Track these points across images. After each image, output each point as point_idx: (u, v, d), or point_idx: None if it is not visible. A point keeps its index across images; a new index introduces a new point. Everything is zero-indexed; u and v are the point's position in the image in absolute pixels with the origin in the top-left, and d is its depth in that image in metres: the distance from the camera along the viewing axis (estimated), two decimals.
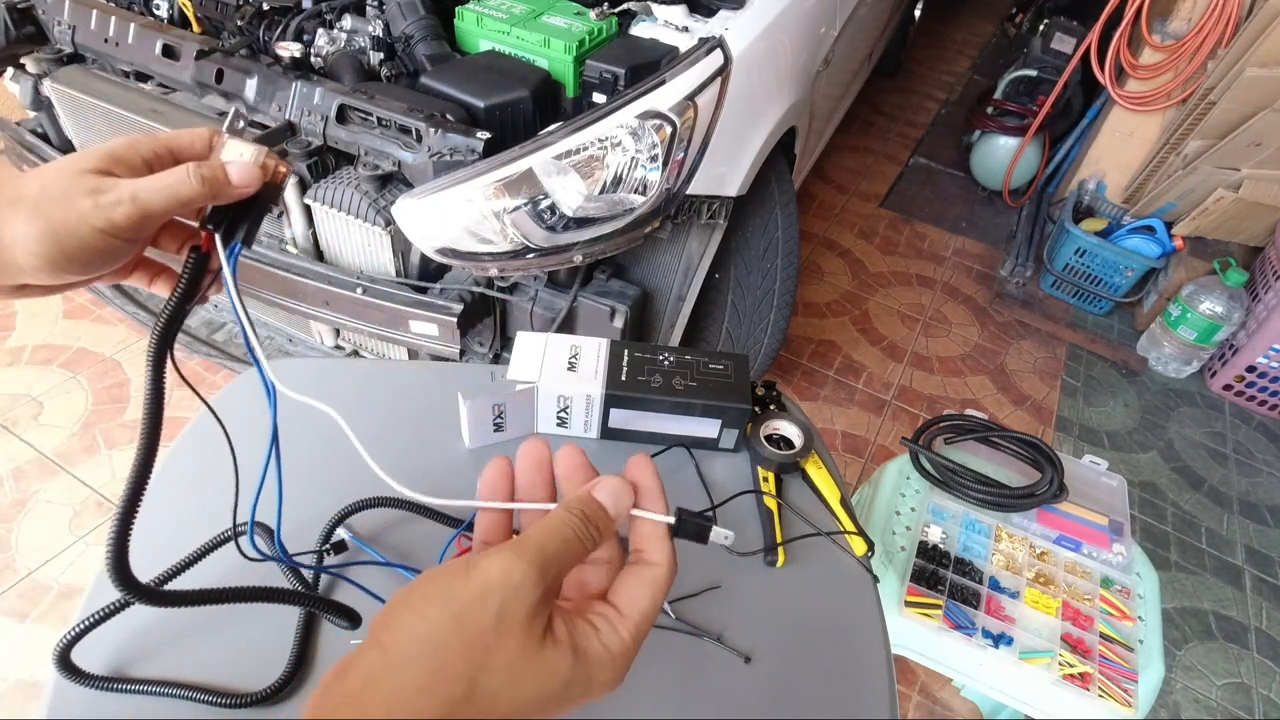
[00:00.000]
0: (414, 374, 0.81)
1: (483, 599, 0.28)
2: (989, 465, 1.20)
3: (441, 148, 1.11)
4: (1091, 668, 0.97)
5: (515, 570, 0.29)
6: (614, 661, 0.31)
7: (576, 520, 0.33)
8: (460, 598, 0.29)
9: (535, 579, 0.29)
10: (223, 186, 0.39)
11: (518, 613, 0.29)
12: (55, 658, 0.50)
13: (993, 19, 4.71)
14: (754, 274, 1.55)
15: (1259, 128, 2.06)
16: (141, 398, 0.38)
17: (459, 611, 0.28)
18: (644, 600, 0.33)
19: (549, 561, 0.30)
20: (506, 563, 0.29)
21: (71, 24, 1.35)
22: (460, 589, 0.29)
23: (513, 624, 0.28)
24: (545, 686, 0.29)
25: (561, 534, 0.32)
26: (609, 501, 0.35)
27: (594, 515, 0.34)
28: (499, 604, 0.28)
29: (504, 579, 0.29)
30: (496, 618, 0.28)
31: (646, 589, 0.34)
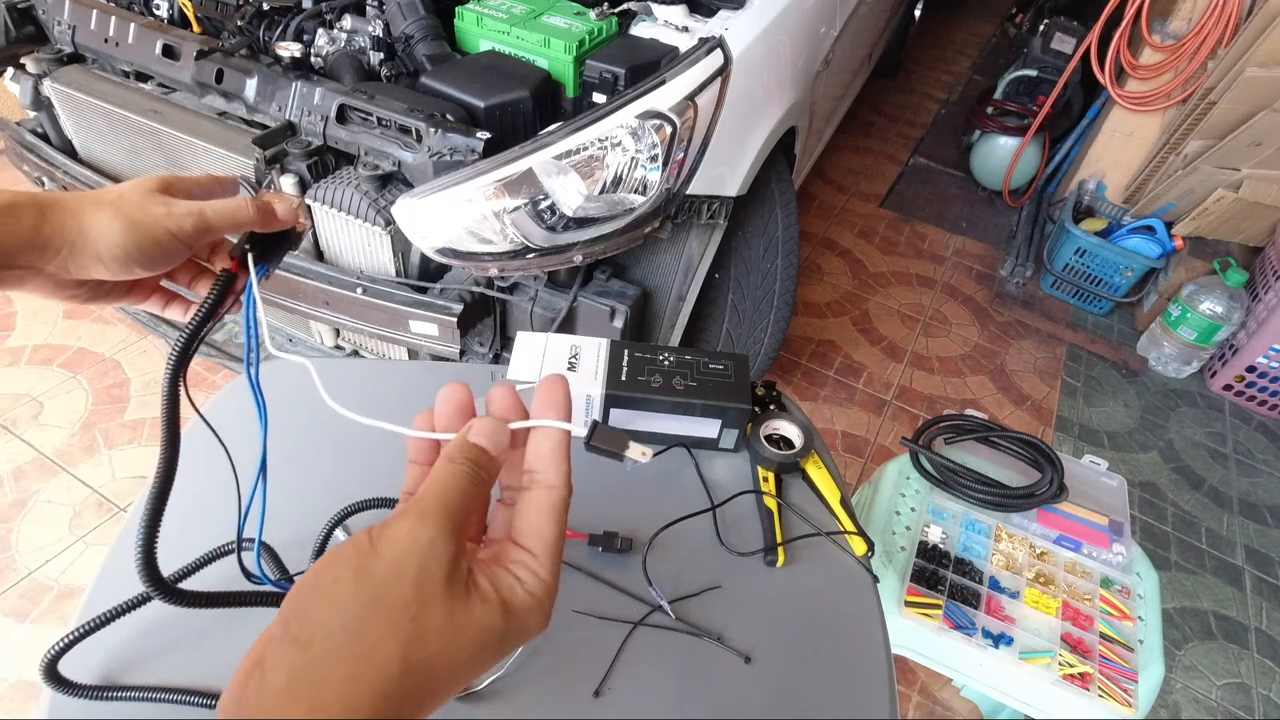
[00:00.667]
0: (414, 374, 0.81)
1: (397, 569, 0.28)
2: (989, 465, 1.19)
3: (441, 148, 1.11)
4: (1091, 668, 0.97)
5: (423, 532, 0.29)
6: (540, 605, 0.31)
7: (461, 467, 0.32)
8: (373, 574, 0.27)
9: (446, 537, 0.29)
10: (269, 216, 0.48)
11: (436, 575, 0.28)
12: (42, 669, 0.50)
13: (993, 19, 4.71)
14: (754, 274, 1.55)
15: (1259, 128, 2.06)
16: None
17: (375, 589, 0.27)
18: (550, 531, 0.33)
19: (453, 514, 0.30)
20: (412, 526, 0.29)
21: (71, 24, 1.35)
22: (372, 565, 0.28)
23: (434, 587, 0.28)
24: (481, 642, 0.28)
25: (458, 485, 0.31)
26: (487, 443, 0.34)
27: (477, 458, 0.33)
28: (415, 570, 0.28)
29: (414, 544, 0.28)
30: (415, 585, 0.27)
31: (550, 516, 0.33)
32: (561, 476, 0.34)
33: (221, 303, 0.45)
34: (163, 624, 0.54)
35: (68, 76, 1.37)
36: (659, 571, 0.62)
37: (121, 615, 0.51)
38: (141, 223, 0.43)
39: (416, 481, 0.37)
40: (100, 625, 0.50)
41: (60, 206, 0.43)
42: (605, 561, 0.63)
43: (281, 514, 0.61)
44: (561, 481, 0.34)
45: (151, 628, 0.54)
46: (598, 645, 0.57)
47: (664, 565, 0.63)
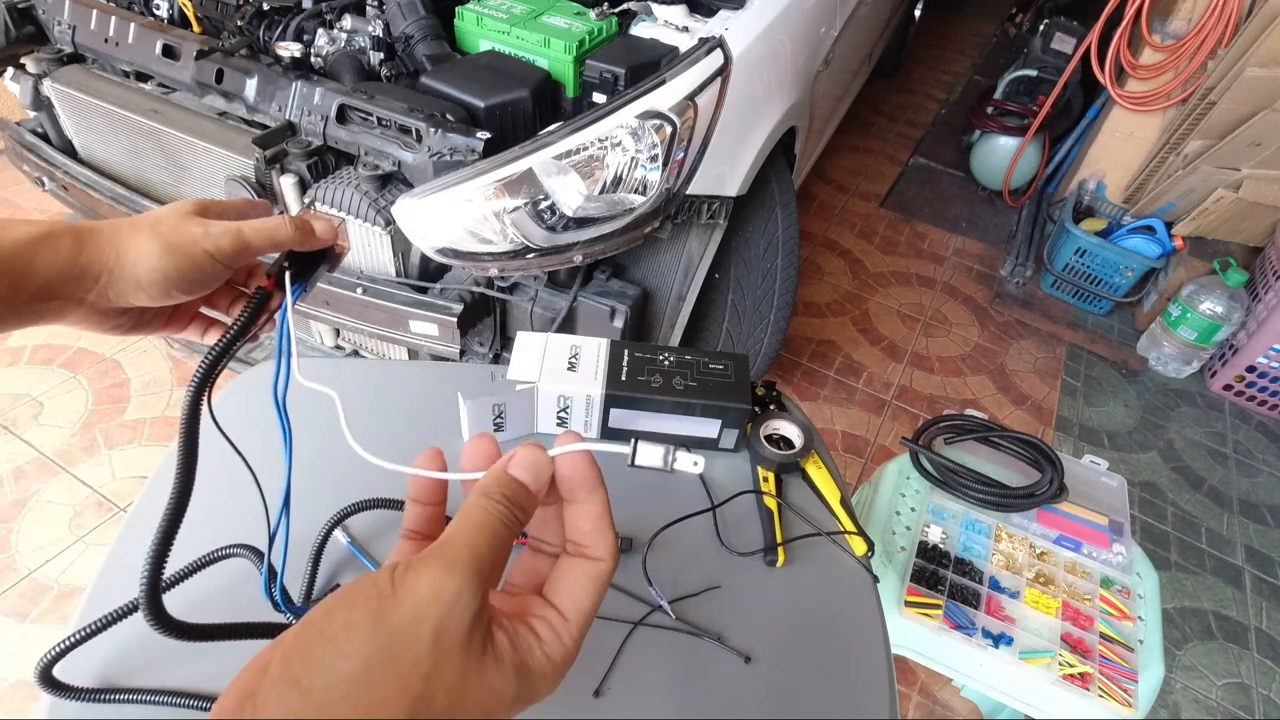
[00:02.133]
0: (414, 374, 0.81)
1: (416, 621, 0.25)
2: (989, 465, 1.20)
3: (441, 148, 1.11)
4: (1091, 668, 0.97)
5: (449, 585, 0.26)
6: (556, 671, 0.29)
7: (499, 506, 0.30)
8: (389, 623, 0.25)
9: (473, 589, 0.26)
10: (309, 235, 0.48)
11: (456, 632, 0.26)
12: (37, 675, 0.50)
13: (993, 19, 4.71)
14: (754, 274, 1.55)
15: (1259, 128, 2.06)
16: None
17: (389, 640, 0.25)
18: (587, 600, 0.31)
19: (483, 564, 0.28)
20: (438, 576, 0.26)
21: (71, 24, 1.35)
22: (389, 613, 0.25)
23: (452, 645, 0.26)
24: (489, 708, 0.27)
25: (490, 528, 0.29)
26: (528, 477, 0.31)
27: (514, 495, 0.30)
28: (435, 625, 0.25)
29: (437, 596, 0.26)
30: (433, 641, 0.25)
31: (590, 586, 0.31)
32: (608, 549, 0.32)
33: (255, 320, 0.45)
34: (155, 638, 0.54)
35: (68, 76, 1.37)
36: (659, 571, 0.62)
37: (116, 622, 0.51)
38: (179, 244, 0.43)
39: (419, 521, 0.35)
40: (95, 632, 0.50)
41: (96, 234, 0.43)
42: None
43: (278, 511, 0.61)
44: (608, 554, 0.32)
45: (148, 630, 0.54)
46: (598, 645, 0.57)
47: (664, 565, 0.63)
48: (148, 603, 0.41)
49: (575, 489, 0.33)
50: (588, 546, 0.32)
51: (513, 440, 0.71)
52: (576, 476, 0.33)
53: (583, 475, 0.33)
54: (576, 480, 0.33)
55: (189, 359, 1.79)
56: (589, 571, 0.31)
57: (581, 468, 0.33)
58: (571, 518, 0.33)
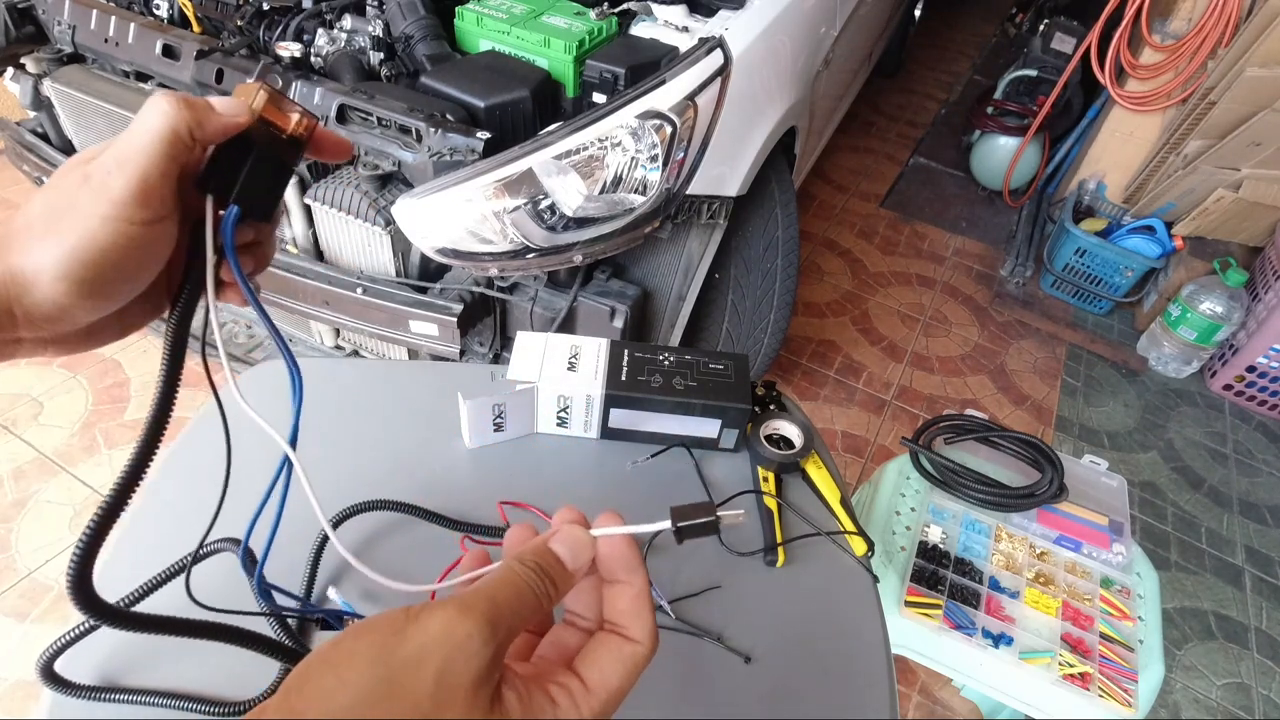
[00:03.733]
0: (414, 374, 0.81)
1: (420, 661, 0.24)
2: (989, 465, 1.19)
3: (441, 148, 1.11)
4: (1091, 668, 0.97)
5: (460, 627, 0.25)
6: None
7: (530, 572, 0.29)
8: (393, 658, 0.24)
9: (484, 637, 0.25)
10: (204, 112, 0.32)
11: (462, 678, 0.24)
12: (39, 669, 0.49)
13: (993, 19, 4.71)
14: (754, 274, 1.55)
15: (1259, 128, 2.06)
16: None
17: (390, 675, 0.24)
18: (615, 678, 0.29)
19: (500, 617, 0.26)
20: (450, 617, 0.25)
21: (71, 24, 1.35)
22: (394, 648, 0.24)
23: (455, 691, 0.24)
24: None
25: (514, 586, 0.28)
26: (567, 554, 0.31)
27: (550, 568, 0.30)
28: (439, 666, 0.24)
29: (446, 636, 0.25)
30: (435, 684, 0.24)
31: (621, 667, 0.30)
32: (645, 632, 0.31)
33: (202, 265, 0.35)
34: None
35: (68, 76, 1.37)
36: (659, 571, 0.62)
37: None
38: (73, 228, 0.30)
39: None
40: (96, 626, 0.50)
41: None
42: None
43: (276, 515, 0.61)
44: (645, 637, 0.31)
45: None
46: None
47: (664, 565, 0.63)
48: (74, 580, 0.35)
49: (615, 569, 0.32)
50: (625, 627, 0.31)
51: (513, 440, 0.71)
52: (616, 556, 0.32)
53: (622, 556, 0.32)
54: (616, 560, 0.32)
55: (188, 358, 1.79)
56: (622, 651, 0.30)
57: (621, 548, 0.32)
58: (610, 597, 0.32)
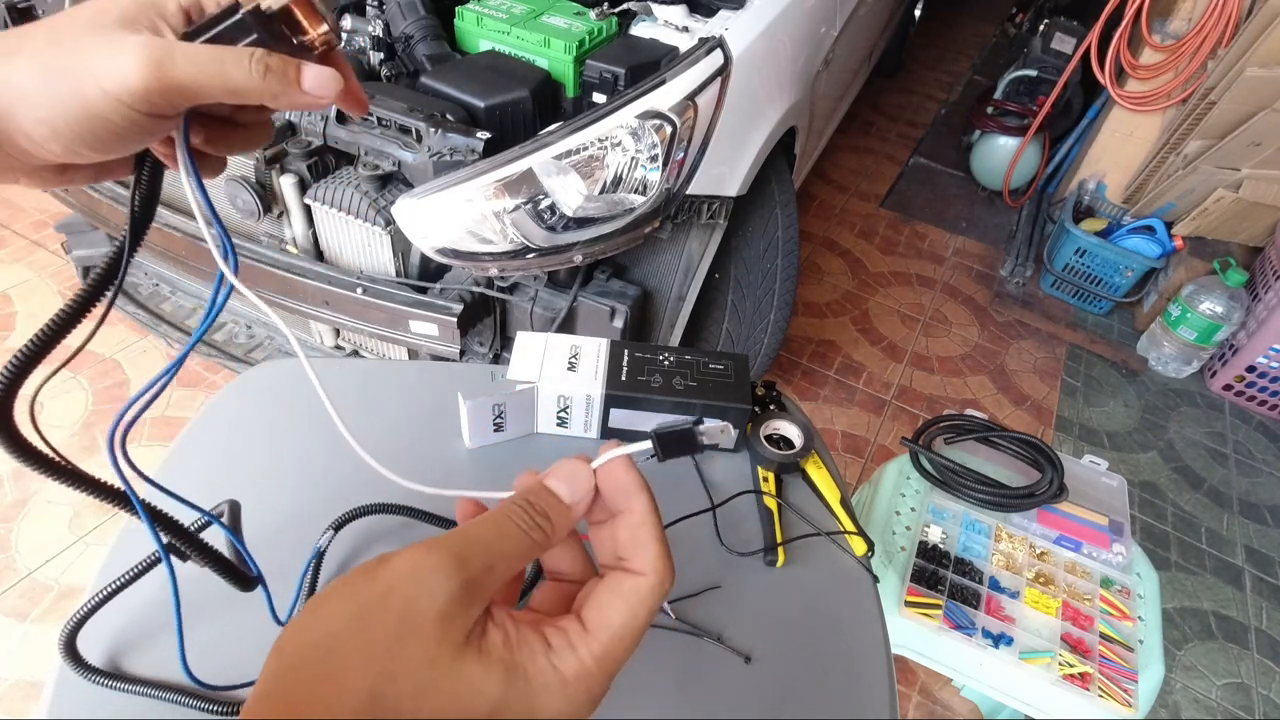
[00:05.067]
0: (414, 374, 0.81)
1: (386, 595, 0.24)
2: (989, 465, 1.20)
3: (441, 148, 1.11)
4: (1091, 668, 0.97)
5: (426, 561, 0.25)
6: (564, 687, 0.25)
7: (516, 508, 0.28)
8: (362, 596, 0.24)
9: (449, 570, 0.25)
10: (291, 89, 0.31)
11: (427, 610, 0.24)
12: (61, 644, 0.50)
13: (993, 19, 4.71)
14: (754, 274, 1.55)
15: (1259, 128, 2.06)
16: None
17: (358, 611, 0.24)
18: (616, 615, 0.27)
19: (473, 553, 0.26)
20: (417, 554, 0.25)
21: None
22: (364, 587, 0.25)
23: (421, 624, 0.24)
24: (464, 706, 0.24)
25: (494, 523, 0.27)
26: (563, 488, 0.29)
27: (542, 502, 0.28)
28: (404, 600, 0.24)
29: (412, 571, 0.25)
30: (399, 618, 0.24)
31: (622, 601, 0.27)
32: (649, 561, 0.28)
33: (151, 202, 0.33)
34: (167, 606, 0.54)
35: None
36: None
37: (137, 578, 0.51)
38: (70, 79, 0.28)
39: None
40: (116, 591, 0.51)
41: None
42: None
43: (279, 514, 0.61)
44: (649, 568, 0.28)
45: (157, 607, 0.54)
46: None
47: None
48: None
49: (614, 496, 0.30)
50: (627, 559, 0.29)
51: (513, 440, 0.71)
52: (614, 483, 0.30)
53: (619, 480, 0.30)
54: (614, 486, 0.30)
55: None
56: (624, 585, 0.28)
57: (618, 472, 0.30)
58: (614, 529, 0.30)
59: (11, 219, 2.24)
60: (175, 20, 0.31)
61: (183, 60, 0.29)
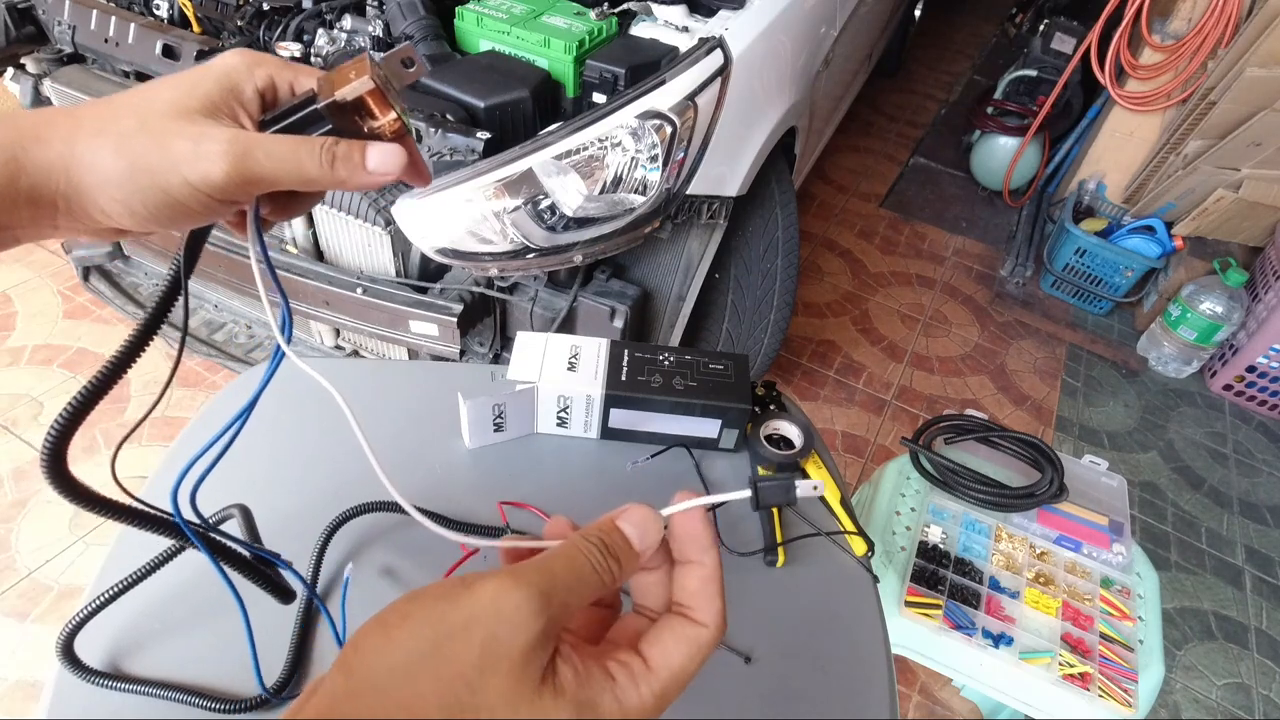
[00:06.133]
0: (414, 374, 0.81)
1: (468, 627, 0.24)
2: (989, 465, 1.20)
3: (441, 148, 1.11)
4: (1091, 668, 0.97)
5: (511, 597, 0.25)
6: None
7: (594, 548, 0.28)
8: (443, 624, 0.24)
9: (535, 609, 0.25)
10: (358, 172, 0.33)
11: (510, 648, 0.24)
12: (59, 647, 0.50)
13: (993, 19, 4.71)
14: (754, 274, 1.55)
15: (1259, 128, 2.06)
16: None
17: (438, 640, 0.24)
18: (679, 658, 0.28)
19: (555, 590, 0.26)
20: (501, 585, 0.25)
21: (71, 24, 1.35)
22: (445, 613, 0.24)
23: (502, 661, 0.24)
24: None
25: (574, 561, 0.28)
26: (635, 534, 0.30)
27: (615, 546, 0.29)
28: (486, 635, 0.24)
29: (494, 604, 0.25)
30: (481, 651, 0.24)
31: (685, 647, 0.28)
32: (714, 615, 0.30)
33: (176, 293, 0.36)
34: (167, 608, 0.54)
35: (68, 76, 1.37)
36: None
37: (136, 584, 0.51)
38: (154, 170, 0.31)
39: None
40: (114, 598, 0.51)
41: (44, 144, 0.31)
42: None
43: (280, 513, 0.61)
44: (713, 621, 0.30)
45: (157, 611, 0.54)
46: None
47: None
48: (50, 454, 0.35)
49: (686, 547, 0.31)
50: (692, 609, 0.30)
51: (514, 440, 0.71)
52: (689, 534, 0.31)
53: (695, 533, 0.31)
54: (688, 538, 0.31)
55: (188, 358, 1.79)
56: (688, 633, 0.29)
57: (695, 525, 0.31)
58: (679, 577, 0.31)
59: None
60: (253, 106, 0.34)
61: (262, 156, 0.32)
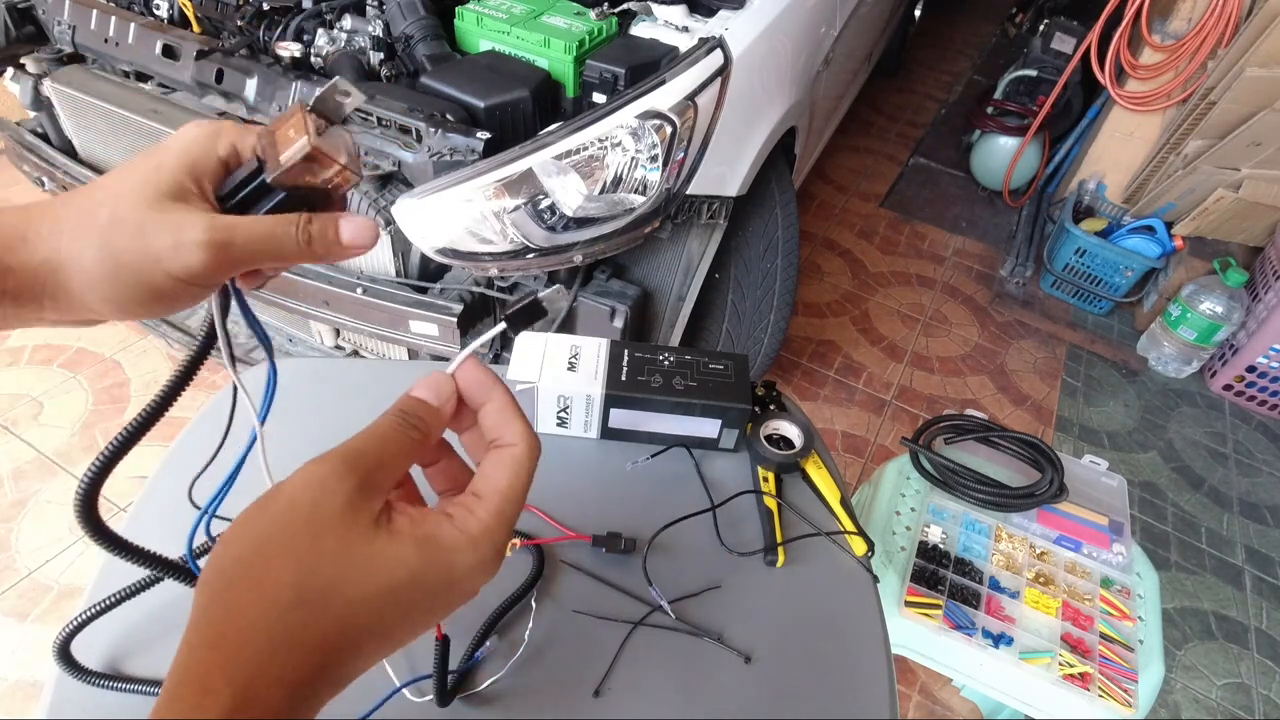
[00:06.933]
0: (414, 374, 0.81)
1: (291, 506, 0.28)
2: (989, 465, 1.19)
3: (441, 148, 1.11)
4: (1091, 668, 0.97)
5: (318, 470, 0.29)
6: (473, 543, 0.30)
7: (392, 416, 0.32)
8: (267, 513, 0.28)
9: (341, 471, 0.29)
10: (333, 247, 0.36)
11: (330, 507, 0.28)
12: (55, 650, 0.50)
13: (993, 19, 4.71)
14: (754, 274, 1.55)
15: (1259, 128, 2.06)
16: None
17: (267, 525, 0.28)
18: (503, 479, 0.32)
19: (358, 454, 0.30)
20: (310, 467, 0.29)
21: (71, 24, 1.35)
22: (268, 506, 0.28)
23: (328, 519, 0.28)
24: (389, 576, 0.28)
25: (378, 429, 0.32)
26: (428, 393, 0.34)
27: (413, 408, 0.33)
28: (308, 505, 0.28)
29: (307, 481, 0.28)
30: (307, 519, 0.28)
31: (504, 468, 0.33)
32: (518, 433, 0.34)
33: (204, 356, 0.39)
34: (166, 611, 0.54)
35: (68, 76, 1.37)
36: (659, 571, 0.62)
37: (133, 596, 0.51)
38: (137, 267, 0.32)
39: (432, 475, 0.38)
40: (114, 605, 0.51)
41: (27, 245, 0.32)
42: (607, 562, 0.63)
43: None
44: (519, 438, 0.34)
45: (157, 614, 0.54)
46: (598, 645, 0.57)
47: (664, 565, 0.63)
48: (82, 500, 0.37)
49: (475, 394, 0.35)
50: (501, 437, 0.34)
51: None
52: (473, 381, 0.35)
53: (478, 378, 0.35)
54: (474, 385, 0.35)
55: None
56: (503, 456, 0.33)
57: (473, 371, 0.35)
58: (483, 420, 0.35)
59: None
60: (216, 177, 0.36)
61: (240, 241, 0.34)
